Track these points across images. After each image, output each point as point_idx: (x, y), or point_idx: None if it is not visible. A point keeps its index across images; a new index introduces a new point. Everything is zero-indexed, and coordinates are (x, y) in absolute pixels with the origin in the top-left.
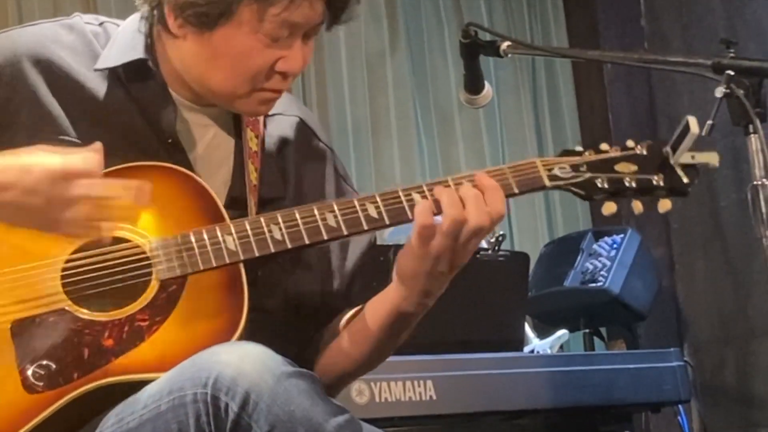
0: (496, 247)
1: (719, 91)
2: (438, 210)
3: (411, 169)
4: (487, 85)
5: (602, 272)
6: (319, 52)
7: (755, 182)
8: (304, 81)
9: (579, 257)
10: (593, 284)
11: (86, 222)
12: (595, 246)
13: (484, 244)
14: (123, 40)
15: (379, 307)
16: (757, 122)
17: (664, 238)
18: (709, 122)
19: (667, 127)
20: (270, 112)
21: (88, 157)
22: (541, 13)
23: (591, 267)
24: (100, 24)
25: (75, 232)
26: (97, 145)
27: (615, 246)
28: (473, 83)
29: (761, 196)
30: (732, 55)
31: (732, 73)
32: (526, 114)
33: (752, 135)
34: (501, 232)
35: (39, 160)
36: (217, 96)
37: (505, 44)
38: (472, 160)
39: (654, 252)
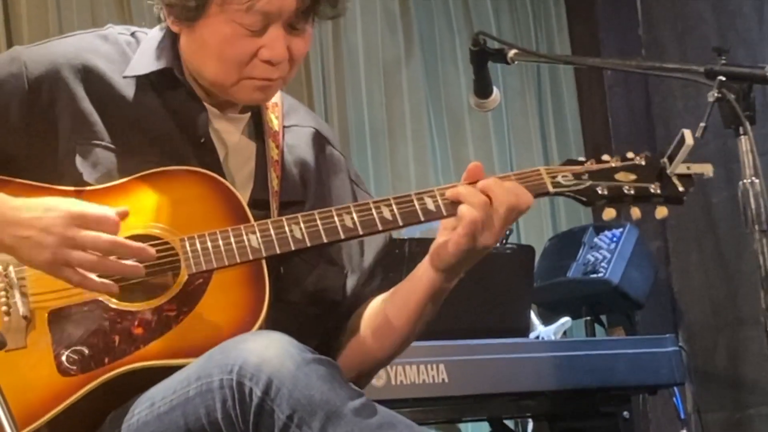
0: (504, 241)
1: (711, 96)
2: (458, 202)
3: (424, 168)
4: (495, 90)
5: (602, 264)
6: (339, 60)
7: (745, 181)
8: (325, 87)
9: (581, 250)
10: (594, 275)
11: (89, 268)
12: (595, 239)
13: None
14: (150, 48)
15: (410, 297)
16: (747, 125)
17: (660, 232)
18: (702, 124)
19: (662, 128)
20: (287, 124)
21: (108, 211)
22: (546, 22)
23: (592, 259)
24: (132, 34)
25: (74, 279)
26: (123, 209)
27: (614, 239)
28: (482, 88)
29: (750, 194)
30: (723, 62)
31: (723, 78)
32: (532, 117)
33: (742, 137)
34: (508, 227)
35: (62, 202)
36: (213, 86)
37: (512, 52)
38: (481, 161)
39: (651, 245)
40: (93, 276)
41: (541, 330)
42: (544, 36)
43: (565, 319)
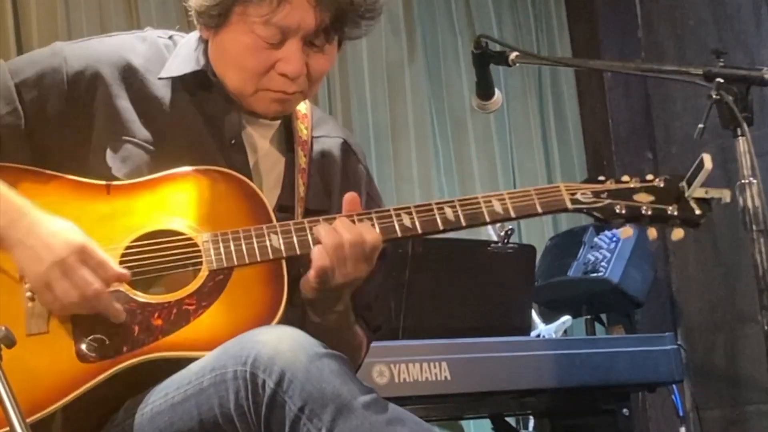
0: (506, 240)
1: (710, 97)
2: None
3: (427, 169)
4: (497, 91)
5: (602, 263)
6: (343, 63)
7: (742, 181)
8: (330, 89)
9: (581, 249)
10: (594, 274)
11: (65, 304)
12: (596, 239)
13: (494, 237)
14: (185, 51)
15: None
16: (745, 126)
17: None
18: (701, 125)
19: (662, 129)
20: (315, 135)
21: (113, 264)
22: (547, 25)
23: (592, 258)
24: (170, 37)
25: (45, 299)
26: (126, 273)
27: (614, 239)
28: (484, 90)
29: (748, 194)
30: (721, 64)
31: (721, 80)
32: (533, 118)
33: (740, 137)
34: (510, 227)
35: (78, 235)
36: (234, 94)
37: (513, 54)
38: (483, 161)
39: (650, 245)
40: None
41: (542, 328)
42: (545, 38)
43: (566, 318)
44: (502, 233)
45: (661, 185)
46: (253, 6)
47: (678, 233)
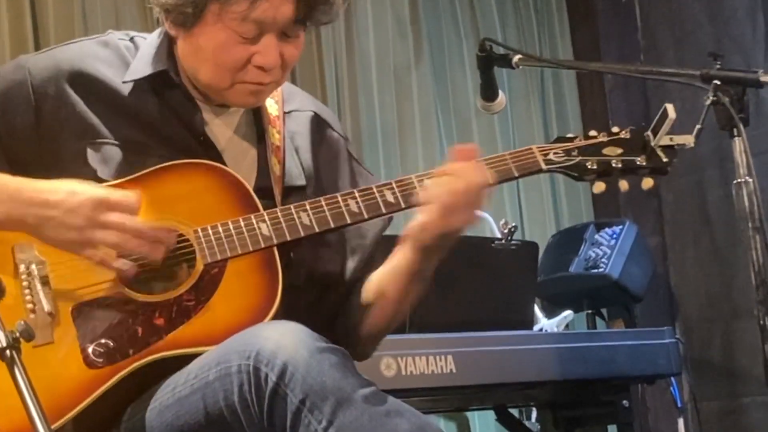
0: (509, 237)
1: (707, 99)
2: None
3: (433, 167)
4: (500, 93)
5: (603, 259)
6: (352, 64)
7: (739, 180)
8: (339, 90)
9: (582, 246)
10: (595, 270)
11: (112, 246)
12: (596, 236)
13: (498, 234)
14: (148, 52)
15: (396, 277)
16: (741, 126)
17: (658, 228)
18: (698, 126)
19: None
20: (287, 110)
21: (129, 195)
22: (549, 29)
23: (593, 255)
24: (131, 39)
25: (98, 258)
26: (136, 195)
27: (614, 236)
28: (488, 92)
29: (744, 192)
30: (718, 66)
31: (718, 82)
32: (536, 119)
33: (736, 138)
34: (513, 224)
35: (85, 187)
36: (208, 89)
37: (516, 57)
38: None
39: (649, 241)
40: (113, 255)
41: (544, 322)
42: (547, 42)
43: (568, 312)
44: (506, 230)
45: (628, 136)
46: (231, 4)
47: (648, 182)
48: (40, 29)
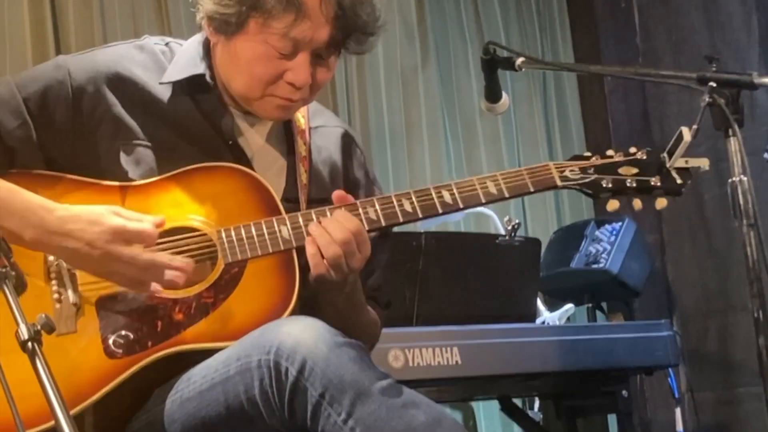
0: (513, 234)
1: (703, 100)
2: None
3: (439, 169)
4: (504, 95)
5: (603, 255)
6: (361, 70)
7: (734, 179)
8: (348, 93)
9: (583, 242)
10: (595, 265)
11: (130, 280)
12: (597, 233)
13: (502, 231)
14: (185, 56)
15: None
16: (736, 127)
17: (656, 225)
18: (695, 127)
19: (658, 130)
20: (313, 125)
21: (147, 225)
22: (551, 33)
23: (593, 251)
24: (166, 44)
25: (121, 284)
26: (160, 219)
27: (614, 233)
28: (493, 94)
29: (739, 191)
30: (714, 69)
31: (714, 84)
32: (538, 120)
33: (731, 138)
34: (517, 221)
35: (103, 216)
36: (239, 97)
37: (519, 60)
38: (492, 160)
39: (648, 237)
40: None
41: (546, 316)
42: (549, 45)
43: (569, 306)
44: (510, 227)
45: (644, 158)
46: (274, 19)
47: (661, 202)
48: (60, 32)
